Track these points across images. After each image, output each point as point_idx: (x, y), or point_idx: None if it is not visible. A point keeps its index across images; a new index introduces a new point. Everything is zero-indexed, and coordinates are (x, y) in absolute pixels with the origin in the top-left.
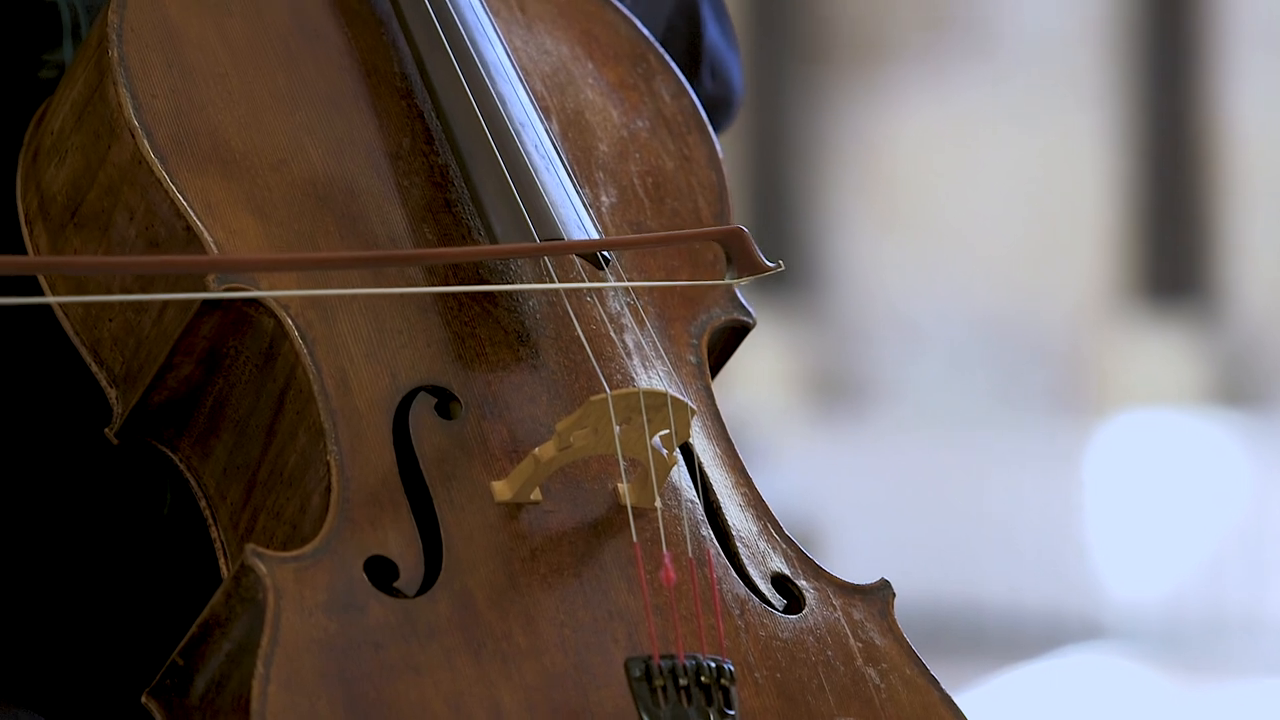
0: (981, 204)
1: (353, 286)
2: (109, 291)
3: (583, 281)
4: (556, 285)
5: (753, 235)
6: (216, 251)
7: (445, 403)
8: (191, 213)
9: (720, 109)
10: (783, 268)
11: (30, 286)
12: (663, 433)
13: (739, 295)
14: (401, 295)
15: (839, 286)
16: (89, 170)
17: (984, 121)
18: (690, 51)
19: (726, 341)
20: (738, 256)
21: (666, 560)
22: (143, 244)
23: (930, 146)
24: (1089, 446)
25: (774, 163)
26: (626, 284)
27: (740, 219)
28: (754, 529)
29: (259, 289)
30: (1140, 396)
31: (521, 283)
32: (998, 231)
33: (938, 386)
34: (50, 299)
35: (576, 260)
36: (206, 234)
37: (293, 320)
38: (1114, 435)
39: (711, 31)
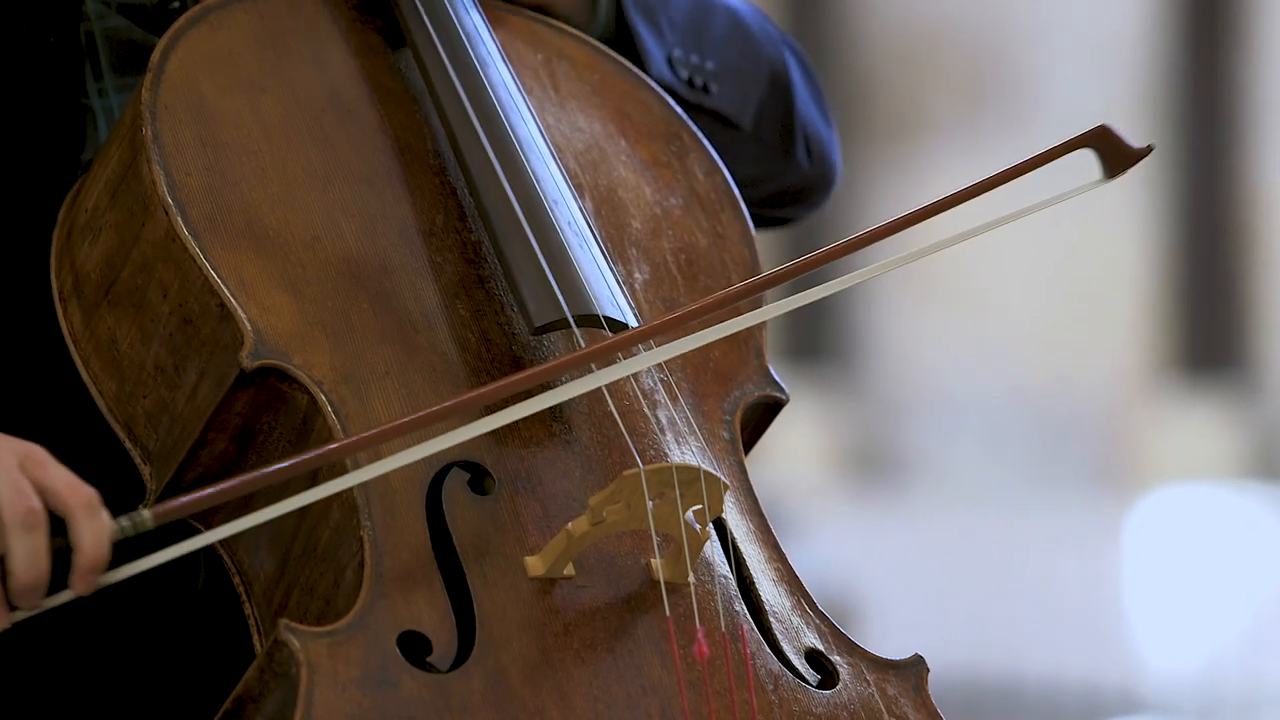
0: (1018, 278)
1: (385, 365)
2: (142, 369)
3: (618, 358)
4: (596, 379)
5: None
6: (249, 328)
7: (479, 478)
8: (225, 290)
9: (818, 188)
10: (1154, 147)
11: (66, 364)
12: (696, 508)
13: (772, 372)
14: (434, 371)
15: (875, 360)
16: (123, 247)
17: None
18: (784, 131)
19: (760, 417)
20: (1110, 153)
21: (700, 635)
22: (176, 321)
23: (966, 220)
24: (1127, 520)
25: (810, 236)
26: (659, 354)
27: (773, 294)
28: (787, 604)
29: (292, 365)
30: (1178, 470)
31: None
32: (1034, 306)
33: (974, 460)
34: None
35: (609, 335)
36: (240, 311)
37: (326, 396)
38: (1151, 509)
39: (805, 110)
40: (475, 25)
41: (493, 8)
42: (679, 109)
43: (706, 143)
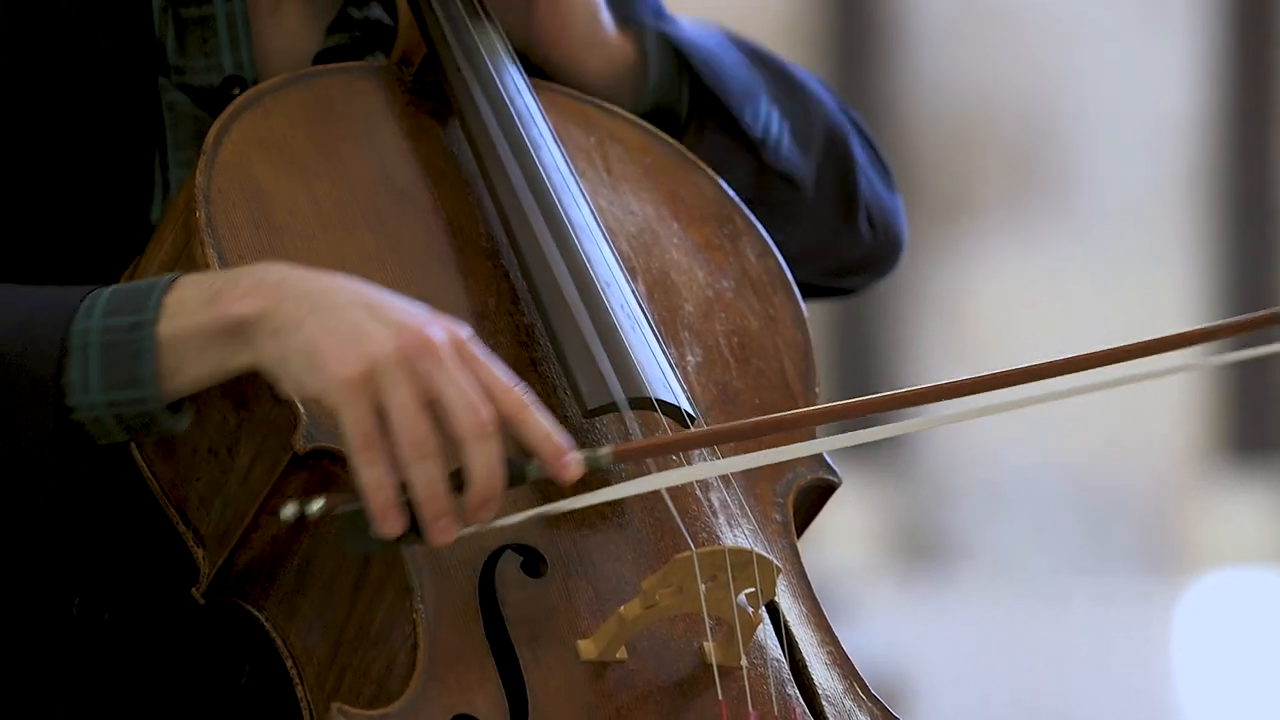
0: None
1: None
2: (195, 452)
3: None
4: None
5: (835, 393)
6: (304, 414)
7: (532, 561)
8: None
9: (883, 257)
10: None
11: (119, 446)
12: (748, 591)
13: (825, 455)
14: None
15: (924, 444)
16: None
17: (1067, 278)
18: (844, 197)
19: (813, 500)
20: None
21: (752, 719)
22: (230, 404)
23: (1014, 303)
24: (1177, 605)
25: (859, 320)
26: (720, 466)
27: (825, 376)
28: (840, 687)
29: (343, 448)
30: (1228, 554)
31: (605, 442)
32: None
33: (1023, 544)
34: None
35: (663, 420)
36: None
37: None
38: (1202, 593)
39: (865, 175)
40: (528, 107)
41: (545, 89)
42: (731, 191)
43: (759, 225)
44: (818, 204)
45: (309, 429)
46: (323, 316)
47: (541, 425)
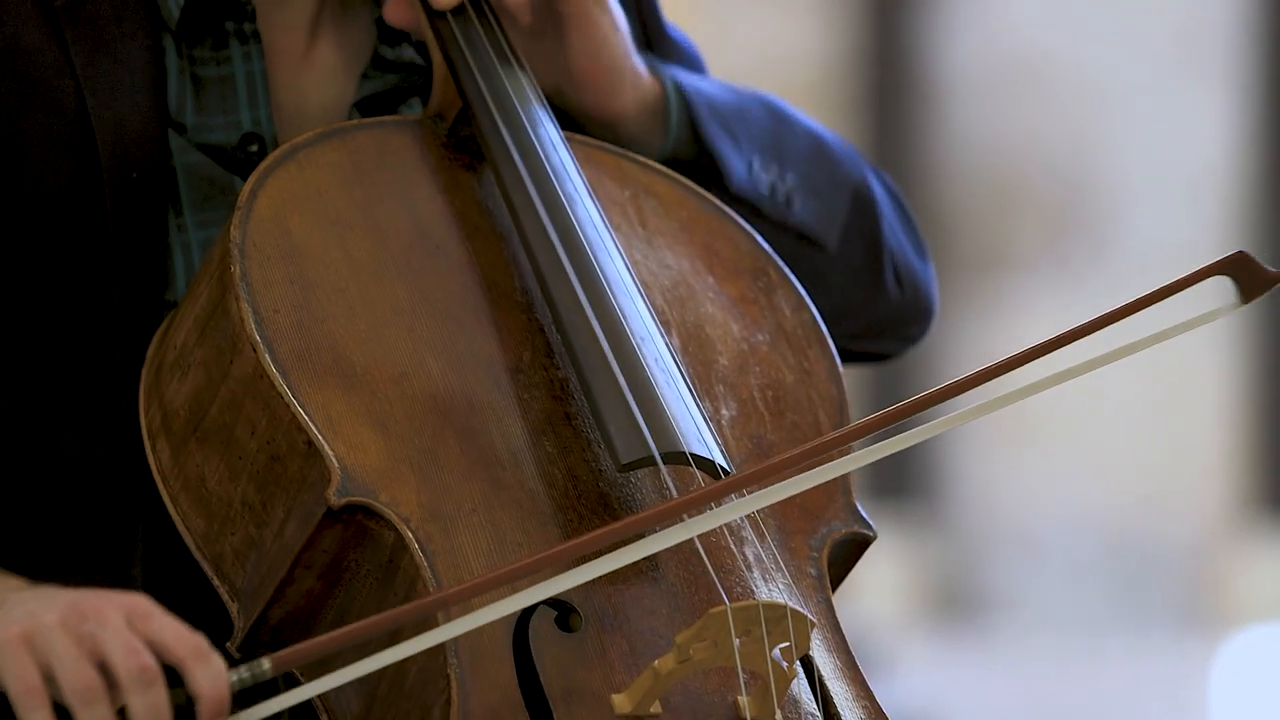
0: (1102, 416)
1: (472, 502)
2: (230, 506)
3: (705, 494)
4: (688, 530)
5: (867, 445)
6: (337, 465)
7: (565, 616)
8: (313, 426)
9: (913, 319)
10: None
11: (154, 501)
12: (783, 645)
13: (859, 509)
14: (520, 508)
15: (960, 498)
16: (211, 385)
17: (1104, 334)
18: (870, 256)
19: (848, 554)
20: (1246, 279)
21: None
22: (264, 458)
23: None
24: (1213, 660)
25: (895, 375)
26: (750, 504)
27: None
28: None
29: (378, 502)
30: (1264, 610)
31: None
32: (1118, 443)
33: (1059, 599)
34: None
35: (698, 474)
36: (327, 448)
37: (413, 533)
38: (1238, 649)
39: (892, 235)
40: (562, 161)
41: (579, 143)
42: (766, 244)
43: (794, 279)
44: (843, 263)
45: (343, 484)
46: (5, 610)
47: (209, 673)
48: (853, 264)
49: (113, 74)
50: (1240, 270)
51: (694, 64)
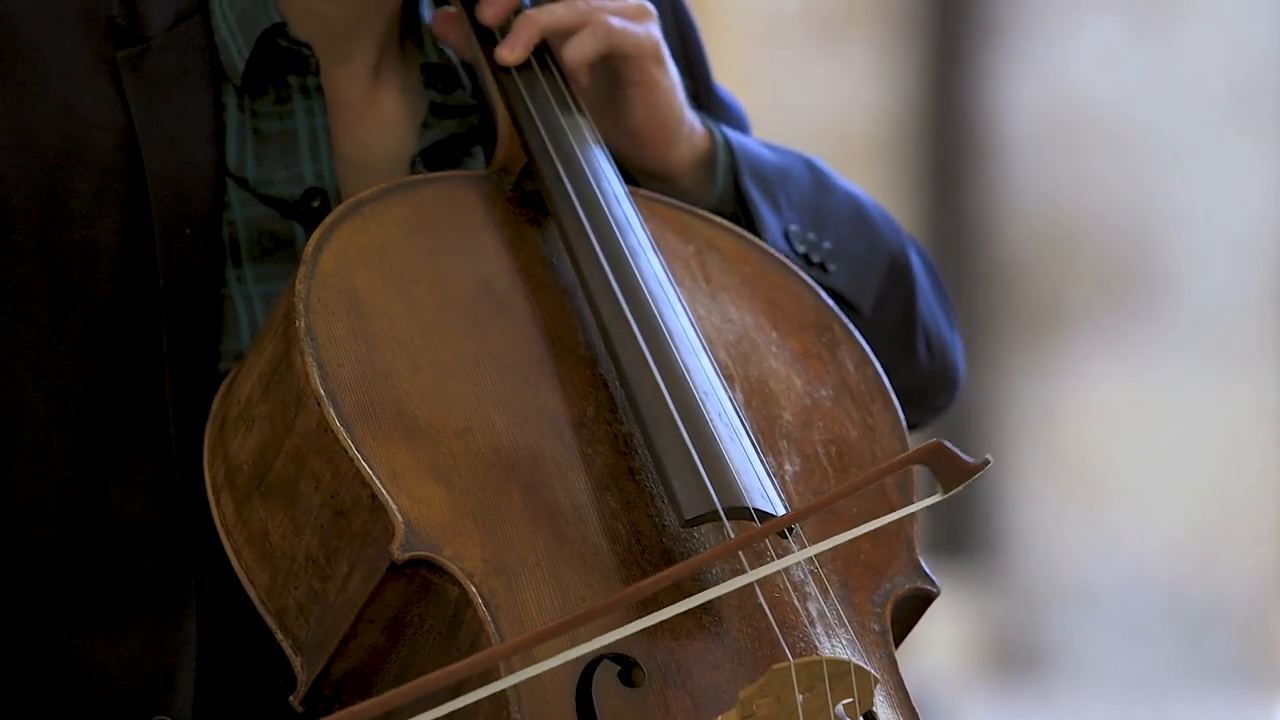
0: (1161, 471)
1: (535, 556)
2: (294, 560)
3: (768, 553)
4: (749, 577)
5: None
6: (400, 520)
7: (628, 670)
8: (377, 481)
9: (940, 388)
10: (991, 461)
11: (219, 555)
12: (846, 701)
13: (922, 564)
14: (584, 563)
15: (1019, 553)
16: (275, 439)
17: (1163, 389)
18: (904, 321)
19: (911, 610)
20: (944, 470)
21: None
22: (328, 512)
23: (1108, 416)
24: (1274, 717)
25: (954, 432)
26: (810, 550)
27: (919, 486)
28: None
29: (442, 556)
30: None
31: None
32: (1177, 499)
33: (1118, 654)
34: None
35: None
36: (391, 502)
37: (476, 588)
38: None
39: (926, 305)
40: (626, 216)
41: (643, 197)
42: (830, 300)
43: (857, 333)
44: (876, 330)
45: (407, 538)
46: None
47: None
48: (886, 331)
49: (172, 127)
50: (938, 460)
51: (740, 123)
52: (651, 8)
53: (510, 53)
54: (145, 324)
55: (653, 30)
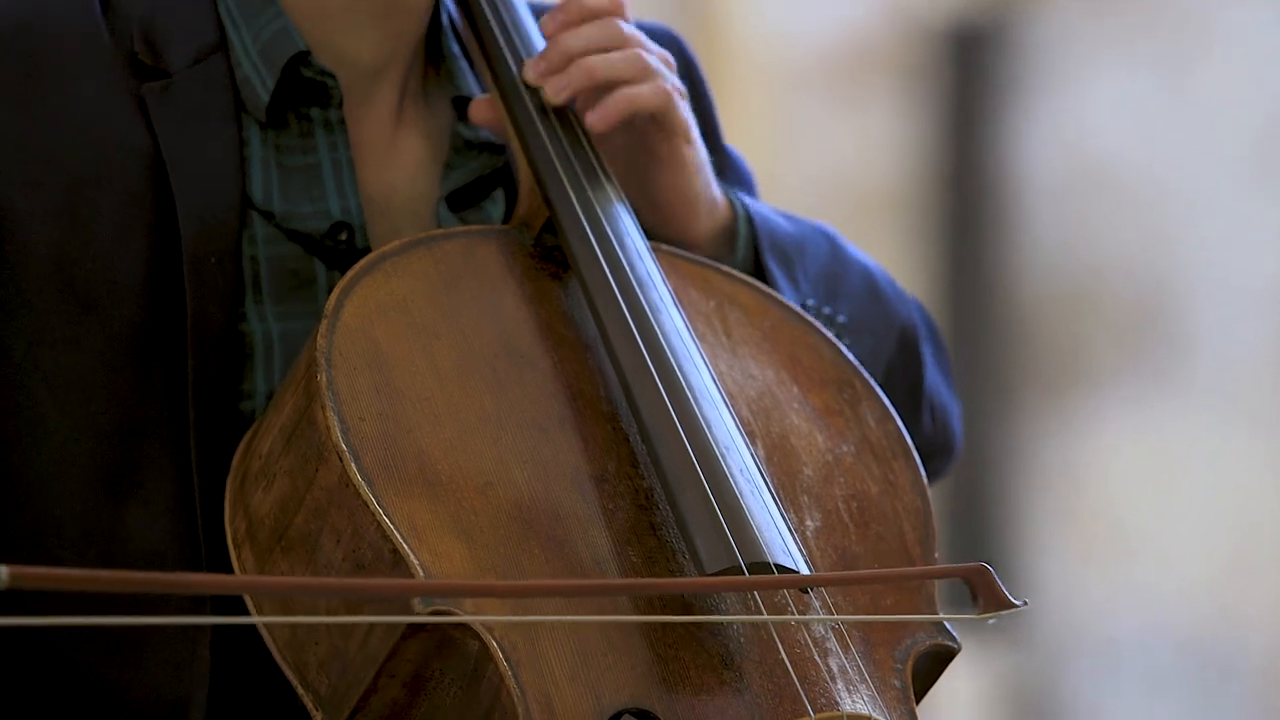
0: (1180, 525)
1: (557, 608)
2: (315, 613)
3: (789, 608)
4: (765, 618)
5: (950, 558)
6: (422, 575)
7: None
8: (398, 535)
9: (939, 455)
10: (1028, 604)
11: (238, 608)
12: None
13: (945, 621)
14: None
15: (1038, 608)
16: (296, 493)
17: (1183, 443)
18: (911, 393)
19: (932, 667)
20: (984, 593)
21: None
22: (349, 567)
23: (1128, 468)
24: None
25: (974, 488)
26: (837, 618)
27: (940, 543)
28: None
29: (465, 611)
30: None
31: (726, 609)
32: (1196, 552)
33: (1138, 707)
34: (256, 619)
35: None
36: (413, 557)
37: (497, 643)
38: None
39: (933, 376)
40: (649, 271)
41: (664, 253)
42: (851, 355)
43: (879, 389)
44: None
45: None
46: None
47: None
48: (892, 397)
49: (197, 158)
50: (979, 583)
51: (746, 183)
52: (676, 83)
53: (555, 95)
54: (167, 351)
55: (686, 109)
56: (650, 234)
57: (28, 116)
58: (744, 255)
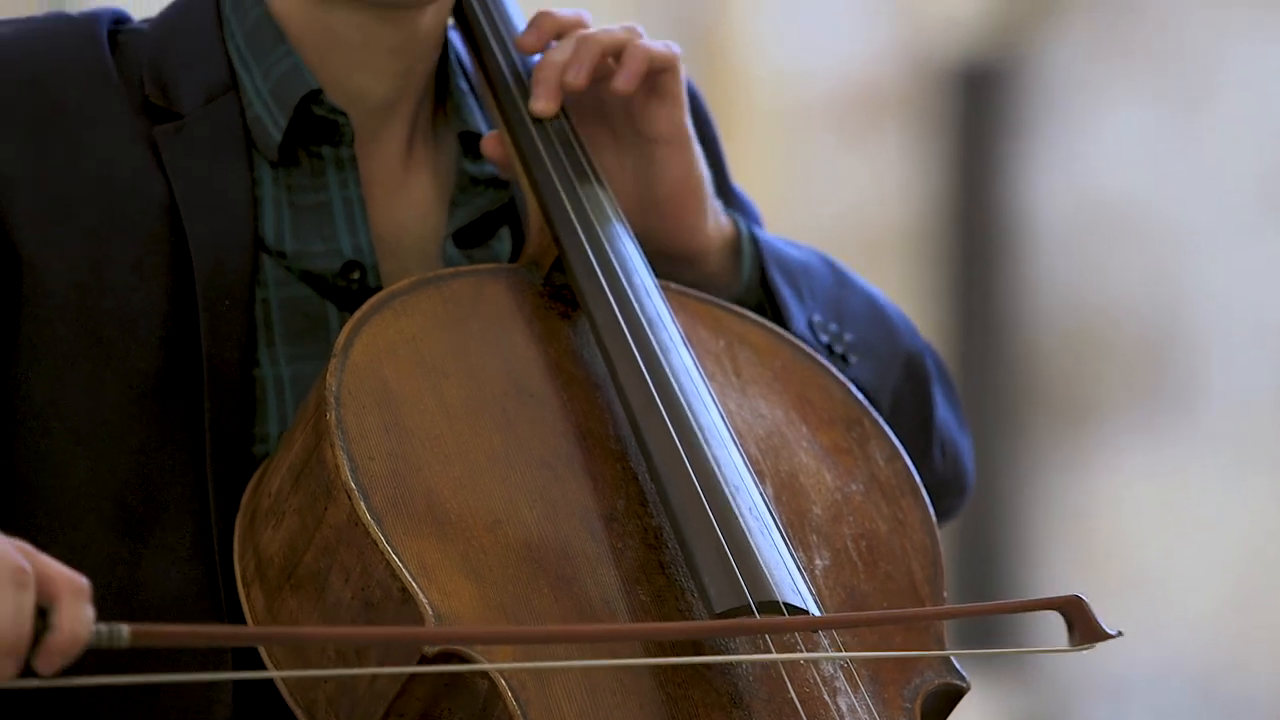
0: (1190, 565)
1: (567, 651)
2: (323, 653)
3: (798, 646)
4: (774, 656)
5: (960, 596)
6: (431, 613)
7: None
8: (407, 574)
9: (951, 492)
10: (1122, 634)
11: (253, 657)
12: None
13: (953, 660)
14: (614, 657)
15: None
16: (305, 532)
17: (1193, 482)
18: (920, 425)
19: (941, 706)
20: (1079, 624)
21: None
22: (358, 605)
23: (1139, 507)
24: None
25: (984, 527)
26: (848, 655)
27: (950, 581)
28: None
29: (472, 649)
30: None
31: (735, 648)
32: (1206, 592)
33: None
34: (271, 674)
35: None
36: (421, 595)
37: (506, 683)
38: None
39: (942, 409)
40: (658, 310)
41: (673, 291)
42: (860, 394)
43: (887, 428)
44: (894, 428)
45: None
46: None
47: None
48: (902, 431)
49: (210, 198)
50: (1074, 614)
51: (755, 223)
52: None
53: (543, 104)
54: (184, 393)
55: (679, 110)
56: (661, 249)
57: (45, 162)
58: (750, 273)
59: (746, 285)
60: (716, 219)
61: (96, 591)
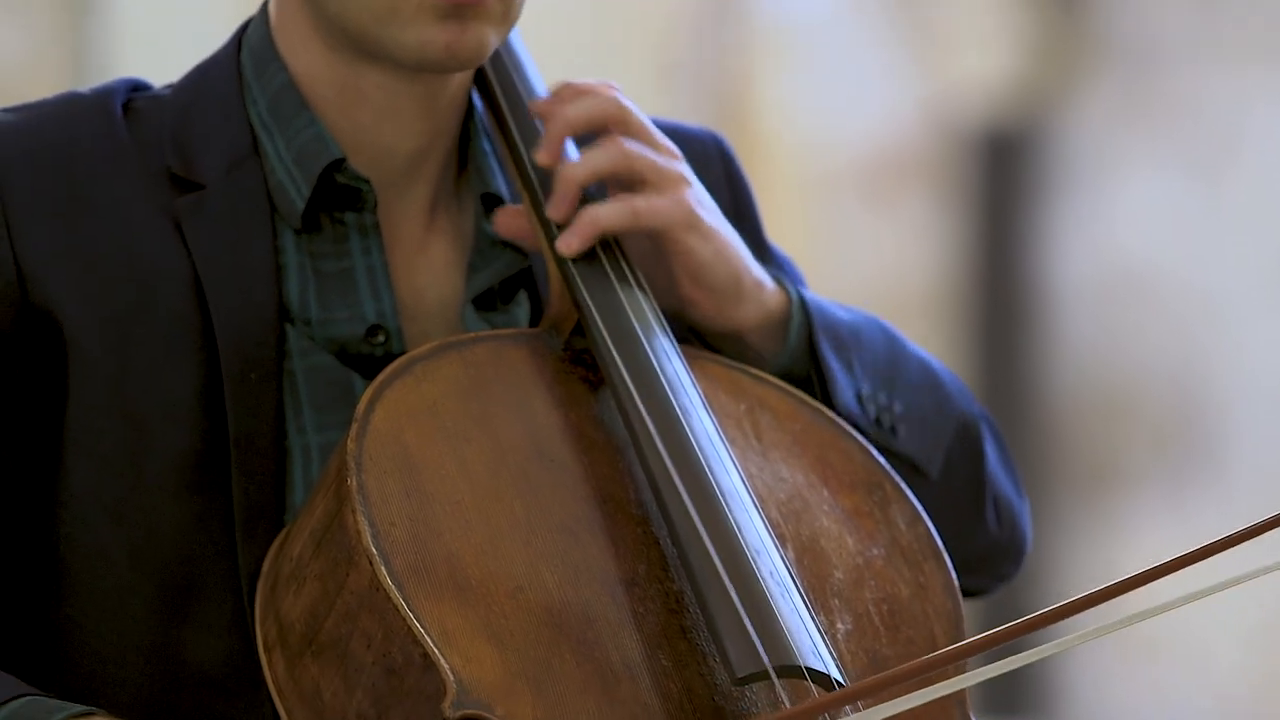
0: (1214, 629)
1: (587, 716)
2: (345, 718)
3: (818, 704)
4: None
5: (983, 659)
6: (452, 679)
7: None
8: (428, 639)
9: (1007, 556)
10: None
11: (270, 713)
12: None
13: (969, 712)
14: None
15: (1071, 714)
16: (327, 597)
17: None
18: (973, 486)
19: None
20: None
21: None
22: (379, 670)
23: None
24: None
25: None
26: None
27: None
28: None
29: (494, 715)
30: None
31: (757, 711)
32: (1230, 657)
33: None
34: None
35: (811, 686)
36: (443, 661)
37: None
38: None
39: (995, 470)
40: (677, 374)
41: (694, 355)
42: (881, 458)
43: (909, 492)
44: (944, 493)
45: (459, 697)
46: None
47: None
48: (954, 495)
49: (233, 269)
50: None
51: (793, 280)
52: (683, 170)
53: (568, 246)
54: (218, 468)
55: (683, 198)
56: (696, 325)
57: (79, 249)
58: (797, 342)
59: (792, 354)
60: (758, 296)
61: (140, 670)
